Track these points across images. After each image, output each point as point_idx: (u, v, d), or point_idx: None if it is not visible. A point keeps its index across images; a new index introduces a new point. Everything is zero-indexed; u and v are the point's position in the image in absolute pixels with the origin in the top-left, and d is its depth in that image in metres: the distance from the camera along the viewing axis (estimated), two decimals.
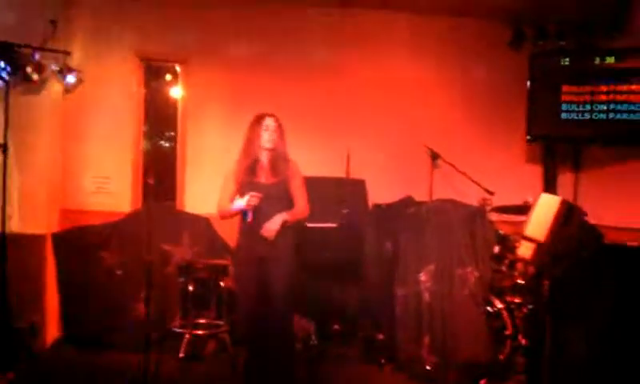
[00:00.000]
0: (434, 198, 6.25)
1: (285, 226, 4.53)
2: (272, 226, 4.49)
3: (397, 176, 6.60)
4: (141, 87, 6.61)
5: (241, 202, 4.46)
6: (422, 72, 6.87)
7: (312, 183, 4.91)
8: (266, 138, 4.60)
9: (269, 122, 4.64)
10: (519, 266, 5.44)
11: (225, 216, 4.72)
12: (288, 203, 4.64)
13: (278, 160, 4.63)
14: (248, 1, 6.56)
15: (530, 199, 5.29)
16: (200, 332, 5.39)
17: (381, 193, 6.24)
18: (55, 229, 6.00)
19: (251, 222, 4.49)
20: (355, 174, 6.30)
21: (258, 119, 4.68)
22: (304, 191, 4.73)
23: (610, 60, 6.26)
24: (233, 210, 4.59)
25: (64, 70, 6.00)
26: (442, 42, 6.86)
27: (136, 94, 6.54)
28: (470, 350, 5.04)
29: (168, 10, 6.52)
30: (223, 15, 6.59)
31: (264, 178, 4.60)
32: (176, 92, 6.75)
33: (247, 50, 6.64)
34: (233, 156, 4.80)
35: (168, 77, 6.82)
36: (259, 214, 4.50)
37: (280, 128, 4.66)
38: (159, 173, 6.65)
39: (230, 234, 5.64)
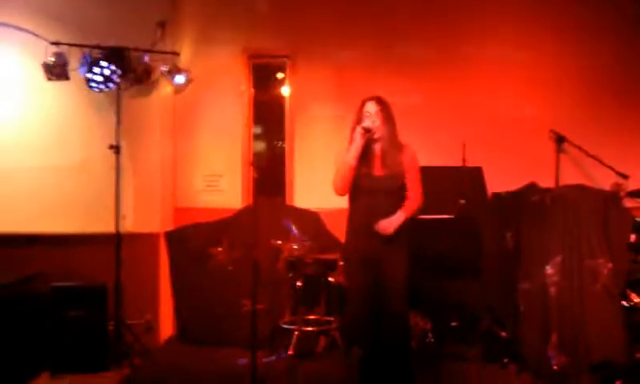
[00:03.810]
0: (561, 184, 5.78)
1: (402, 224, 4.25)
2: (389, 226, 4.21)
3: (517, 162, 6.14)
4: (249, 85, 6.60)
5: (353, 143, 4.19)
6: (541, 51, 6.37)
7: (426, 173, 4.59)
8: (368, 124, 4.25)
9: (369, 106, 4.30)
10: None
11: (343, 181, 4.26)
12: (400, 197, 4.33)
13: (389, 149, 4.29)
14: None
15: None
16: (309, 328, 5.23)
17: (500, 181, 5.83)
18: (168, 227, 6.09)
19: (371, 131, 4.22)
20: (472, 162, 5.91)
21: (360, 105, 4.36)
22: (418, 182, 4.39)
23: None
24: (345, 163, 4.22)
25: (173, 71, 6.09)
26: (564, 18, 6.36)
27: (245, 92, 6.53)
28: (603, 349, 4.62)
29: (275, 7, 6.49)
30: (330, 10, 6.47)
31: (376, 169, 4.30)
32: (284, 88, 6.66)
33: (356, 45, 6.46)
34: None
35: (280, 75, 6.74)
36: (369, 208, 4.26)
37: (384, 111, 4.29)
38: (269, 169, 6.62)
39: (339, 228, 5.45)
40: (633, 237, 4.94)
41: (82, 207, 5.96)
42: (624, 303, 4.77)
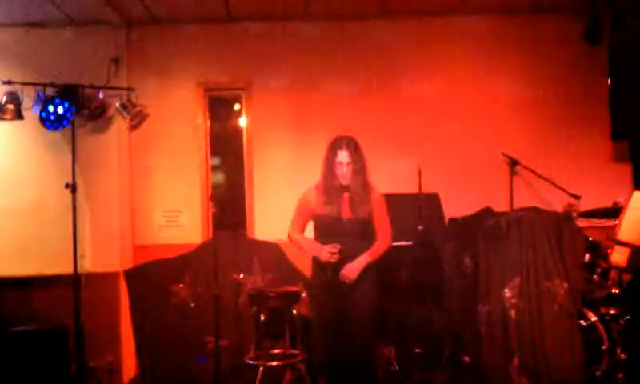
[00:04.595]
0: (515, 207, 5.92)
1: (367, 266, 4.30)
2: (352, 273, 4.23)
3: (472, 187, 6.27)
4: (205, 118, 6.59)
5: (319, 253, 4.26)
6: (492, 76, 6.53)
7: None
8: (341, 174, 4.29)
9: (342, 156, 4.28)
10: (613, 274, 5.07)
11: (295, 245, 4.52)
12: (368, 241, 4.38)
13: (358, 195, 4.31)
14: (306, 23, 6.49)
15: (621, 200, 4.95)
16: (274, 363, 5.22)
17: (456, 206, 5.95)
18: (128, 265, 6.03)
19: (330, 279, 4.26)
20: (428, 189, 6.03)
21: (332, 149, 4.34)
22: (387, 223, 4.46)
23: None
24: (306, 250, 4.42)
25: (128, 107, 6.05)
26: (512, 42, 6.53)
27: (201, 125, 6.52)
28: (563, 369, 4.70)
29: (228, 40, 6.52)
30: (282, 40, 6.53)
31: (344, 212, 4.30)
32: (240, 120, 6.69)
33: (309, 73, 6.53)
34: (300, 179, 4.69)
35: (236, 106, 6.77)
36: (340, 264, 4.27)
37: (355, 162, 4.31)
38: (229, 201, 6.60)
39: (301, 259, 5.50)
40: (587, 256, 5.05)
41: (38, 248, 5.90)
42: (582, 322, 4.86)
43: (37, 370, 5.18)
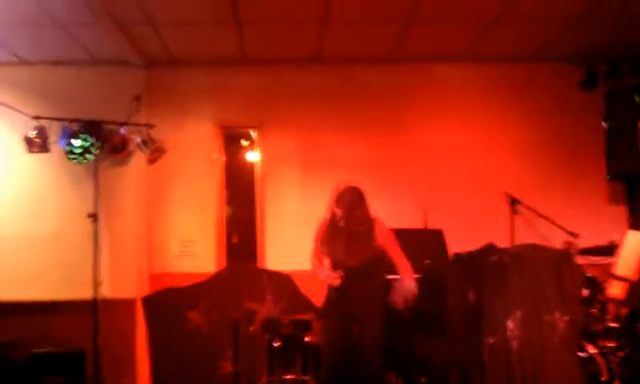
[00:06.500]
0: (516, 243, 6.16)
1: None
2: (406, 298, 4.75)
3: (475, 224, 6.50)
4: (221, 153, 6.85)
5: (326, 277, 4.68)
6: (495, 119, 6.87)
7: None
8: (343, 225, 4.69)
9: (344, 209, 4.69)
10: (611, 308, 5.28)
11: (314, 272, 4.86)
12: (374, 278, 4.75)
13: (360, 235, 4.70)
14: (317, 66, 6.79)
15: (617, 238, 5.17)
16: None
17: (460, 242, 6.14)
18: (144, 292, 6.22)
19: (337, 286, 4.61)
20: (432, 225, 6.29)
21: (337, 202, 4.74)
22: (399, 249, 4.85)
23: None
24: (319, 276, 4.76)
25: (148, 142, 6.31)
26: (515, 87, 6.87)
27: (217, 160, 6.77)
28: None
29: (242, 81, 6.81)
30: (294, 81, 6.83)
31: (348, 257, 4.68)
32: (253, 156, 6.96)
33: (319, 112, 6.81)
34: (308, 213, 5.01)
35: (244, 142, 7.04)
36: (346, 294, 4.64)
37: (358, 201, 4.73)
38: (241, 233, 6.82)
39: (311, 289, 5.72)
40: (585, 291, 5.27)
41: (58, 274, 6.10)
42: (581, 354, 5.03)
43: None
